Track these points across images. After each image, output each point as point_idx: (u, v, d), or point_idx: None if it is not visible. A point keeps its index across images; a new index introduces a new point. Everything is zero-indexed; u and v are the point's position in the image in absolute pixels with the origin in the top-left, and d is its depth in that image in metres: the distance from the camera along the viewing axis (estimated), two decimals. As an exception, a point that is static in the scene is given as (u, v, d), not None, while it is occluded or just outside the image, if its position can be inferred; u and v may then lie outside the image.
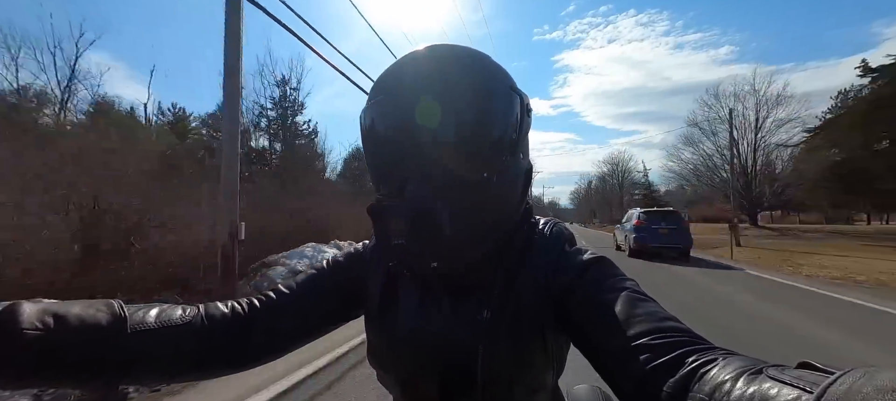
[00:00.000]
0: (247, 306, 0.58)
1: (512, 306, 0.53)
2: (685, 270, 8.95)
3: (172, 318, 0.50)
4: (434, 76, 0.51)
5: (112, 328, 0.44)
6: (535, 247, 0.57)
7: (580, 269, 0.52)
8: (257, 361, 0.57)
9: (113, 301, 0.46)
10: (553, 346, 0.54)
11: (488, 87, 0.52)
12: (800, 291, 6.55)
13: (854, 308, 5.27)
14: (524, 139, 0.57)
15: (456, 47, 0.55)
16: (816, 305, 5.47)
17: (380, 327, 0.59)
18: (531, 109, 0.58)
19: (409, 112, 0.49)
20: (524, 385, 0.53)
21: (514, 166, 0.54)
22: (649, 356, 0.38)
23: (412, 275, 0.58)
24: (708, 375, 0.33)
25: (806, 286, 6.90)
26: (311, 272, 0.64)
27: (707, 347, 0.38)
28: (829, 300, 5.76)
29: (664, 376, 0.36)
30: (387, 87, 0.53)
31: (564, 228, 0.61)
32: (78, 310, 0.42)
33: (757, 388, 0.29)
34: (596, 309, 0.47)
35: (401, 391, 0.59)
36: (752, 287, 6.83)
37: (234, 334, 0.54)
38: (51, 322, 0.40)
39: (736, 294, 6.18)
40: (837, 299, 5.80)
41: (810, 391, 0.26)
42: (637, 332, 0.41)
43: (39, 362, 0.39)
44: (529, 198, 0.60)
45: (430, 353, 0.55)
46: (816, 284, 7.16)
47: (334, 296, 0.62)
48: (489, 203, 0.52)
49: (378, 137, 0.54)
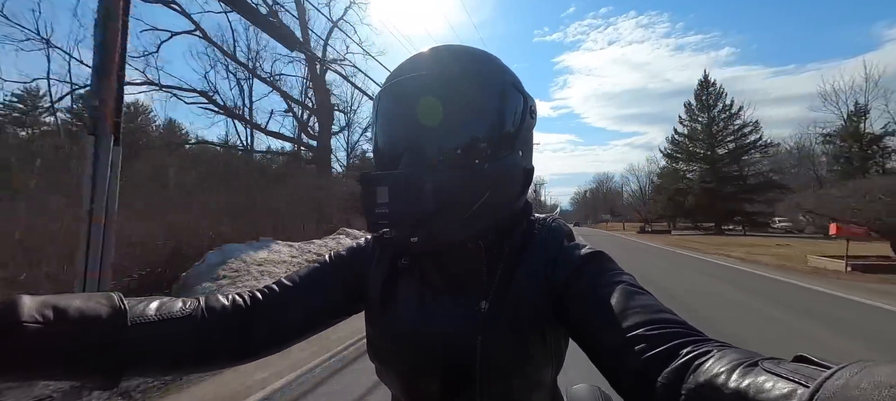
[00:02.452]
0: (249, 299, 0.58)
1: (511, 298, 0.53)
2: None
3: (173, 311, 0.50)
4: (439, 65, 0.55)
5: (112, 321, 0.44)
6: (535, 242, 0.57)
7: (578, 263, 0.53)
8: (258, 354, 0.57)
9: (113, 294, 0.46)
10: (552, 340, 0.54)
11: (488, 78, 0.55)
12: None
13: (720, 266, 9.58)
14: (524, 137, 0.58)
15: (467, 46, 0.59)
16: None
17: (380, 321, 0.59)
18: (535, 112, 0.59)
19: (410, 94, 0.53)
20: (523, 379, 0.54)
21: (511, 160, 0.55)
22: (644, 347, 0.38)
23: (410, 271, 0.59)
24: (703, 366, 0.33)
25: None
26: (313, 265, 0.64)
27: (702, 339, 0.38)
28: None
29: (659, 366, 0.36)
30: (397, 73, 0.56)
31: (563, 224, 0.62)
32: (78, 303, 0.42)
33: (752, 380, 0.29)
34: (593, 303, 0.47)
35: (400, 386, 0.59)
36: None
37: (235, 327, 0.54)
38: (51, 315, 0.40)
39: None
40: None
41: (806, 385, 0.26)
42: (632, 324, 0.41)
43: (39, 355, 0.39)
44: (531, 197, 0.61)
45: (430, 347, 0.55)
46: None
47: (336, 289, 0.62)
48: (479, 188, 0.52)
49: (383, 118, 0.57)
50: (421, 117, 0.52)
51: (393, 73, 0.57)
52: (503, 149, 0.54)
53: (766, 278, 8.58)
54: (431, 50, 0.58)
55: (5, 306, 0.39)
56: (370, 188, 0.52)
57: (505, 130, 0.54)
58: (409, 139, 0.53)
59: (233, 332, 0.54)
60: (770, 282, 8.09)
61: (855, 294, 6.51)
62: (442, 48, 0.58)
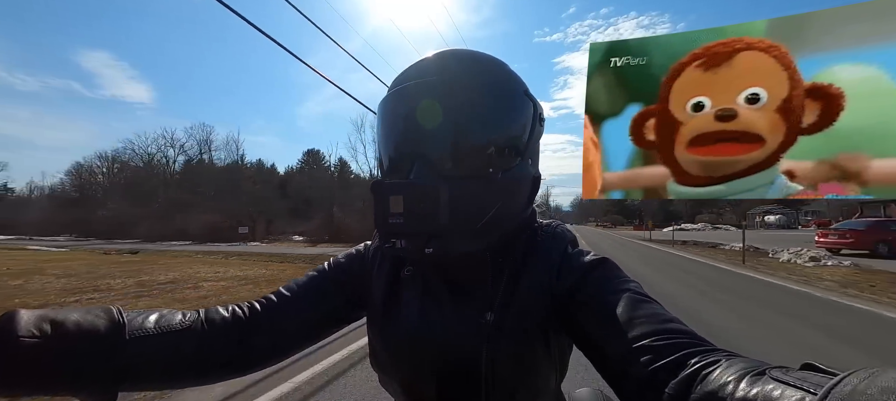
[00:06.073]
0: (248, 310, 0.57)
1: (515, 308, 0.52)
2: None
3: (172, 323, 0.49)
4: (448, 71, 0.54)
5: (110, 334, 0.43)
6: (539, 249, 0.56)
7: (583, 271, 0.52)
8: (259, 365, 0.56)
9: (112, 307, 0.46)
10: (556, 348, 0.54)
11: (500, 86, 0.54)
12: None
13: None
14: (534, 145, 0.56)
15: (474, 51, 0.58)
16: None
17: (382, 329, 0.58)
18: (544, 118, 0.58)
19: (420, 101, 0.51)
20: (527, 389, 0.52)
21: (521, 168, 0.54)
22: (652, 358, 0.38)
23: (412, 279, 0.58)
24: (711, 376, 0.33)
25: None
26: (312, 274, 0.63)
27: (709, 348, 0.38)
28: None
29: (667, 377, 0.36)
30: (404, 78, 0.55)
31: (567, 231, 0.60)
32: (76, 316, 0.42)
33: (760, 389, 0.29)
34: (599, 311, 0.46)
35: (403, 395, 0.58)
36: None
37: (234, 338, 0.53)
38: (48, 329, 0.40)
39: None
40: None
41: (814, 393, 0.26)
42: (639, 333, 0.40)
43: (36, 369, 0.38)
44: (538, 203, 0.60)
45: (433, 355, 0.54)
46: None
47: (336, 297, 0.61)
48: (491, 199, 0.51)
49: (392, 123, 0.55)
50: (432, 124, 0.50)
51: (399, 78, 0.55)
52: (515, 158, 0.53)
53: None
54: (437, 55, 0.56)
55: (2, 321, 0.38)
56: (383, 197, 0.51)
57: (517, 138, 0.53)
58: (420, 147, 0.51)
59: (233, 344, 0.53)
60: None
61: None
62: (448, 53, 0.56)
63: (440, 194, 0.48)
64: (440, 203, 0.48)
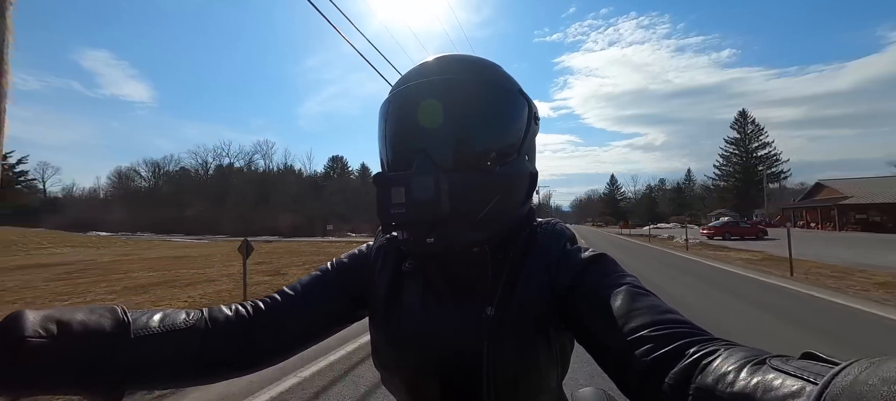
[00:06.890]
0: (251, 309, 0.58)
1: (515, 303, 0.53)
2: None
3: (176, 322, 0.50)
4: (448, 72, 0.57)
5: (115, 334, 0.44)
6: (538, 246, 0.58)
7: (582, 266, 0.53)
8: (262, 363, 0.57)
9: (116, 307, 0.46)
10: (557, 345, 0.55)
11: (496, 85, 0.57)
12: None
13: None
14: (530, 142, 0.60)
15: (470, 54, 0.62)
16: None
17: (384, 327, 0.59)
18: (539, 117, 0.62)
19: (422, 99, 0.54)
20: (529, 384, 0.53)
21: (519, 164, 0.57)
22: (651, 348, 0.38)
23: (414, 275, 0.60)
24: (711, 366, 0.33)
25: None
26: (315, 273, 0.65)
27: (708, 338, 0.38)
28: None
29: (666, 367, 0.36)
30: (407, 78, 0.58)
31: (565, 228, 0.62)
32: (81, 317, 0.42)
33: (760, 378, 0.29)
34: (598, 305, 0.47)
35: (406, 393, 0.58)
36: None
37: (238, 338, 0.55)
38: (54, 329, 0.40)
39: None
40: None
41: (815, 382, 0.25)
42: (638, 325, 0.41)
43: (42, 369, 0.38)
44: (535, 202, 0.64)
45: (435, 350, 0.55)
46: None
47: (339, 296, 0.63)
48: (490, 191, 0.53)
49: (394, 122, 0.58)
50: (433, 121, 0.53)
51: (401, 80, 0.59)
52: (512, 153, 0.56)
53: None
54: (437, 58, 0.59)
55: (8, 321, 0.39)
56: (385, 189, 0.53)
57: (514, 134, 0.56)
58: (421, 142, 0.53)
59: (236, 342, 0.54)
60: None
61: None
62: (447, 56, 0.59)
63: (441, 184, 0.49)
64: (441, 192, 0.49)
